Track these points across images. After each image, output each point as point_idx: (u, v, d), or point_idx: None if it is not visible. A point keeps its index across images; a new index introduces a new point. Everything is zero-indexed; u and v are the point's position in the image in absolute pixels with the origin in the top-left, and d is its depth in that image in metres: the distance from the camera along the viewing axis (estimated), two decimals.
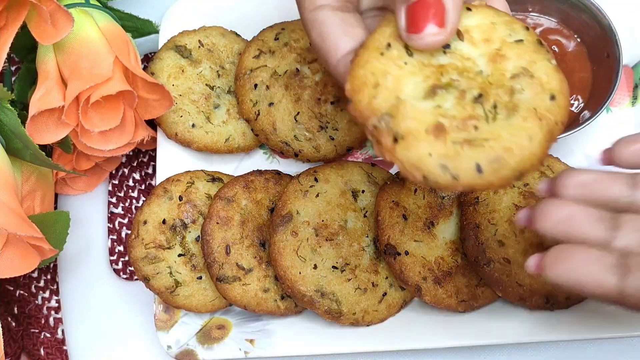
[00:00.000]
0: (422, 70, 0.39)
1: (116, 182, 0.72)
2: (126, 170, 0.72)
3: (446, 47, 0.40)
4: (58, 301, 0.69)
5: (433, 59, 0.40)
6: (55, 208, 0.70)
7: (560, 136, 0.61)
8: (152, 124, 0.67)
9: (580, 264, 0.41)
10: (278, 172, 0.64)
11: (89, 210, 0.70)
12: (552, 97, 0.39)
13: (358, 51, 0.40)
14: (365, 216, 0.61)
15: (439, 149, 0.37)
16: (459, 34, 0.40)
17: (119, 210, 0.71)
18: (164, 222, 0.61)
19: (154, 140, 0.66)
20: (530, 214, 0.44)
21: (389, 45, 0.40)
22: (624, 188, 0.44)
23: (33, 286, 0.69)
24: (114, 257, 0.69)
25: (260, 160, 0.69)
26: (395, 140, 0.37)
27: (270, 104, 0.64)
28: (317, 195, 0.60)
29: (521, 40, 0.41)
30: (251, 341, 0.61)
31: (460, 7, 0.39)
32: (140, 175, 0.72)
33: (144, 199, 0.70)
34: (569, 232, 0.42)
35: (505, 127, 0.38)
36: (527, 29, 0.41)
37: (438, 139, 0.37)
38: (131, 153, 0.72)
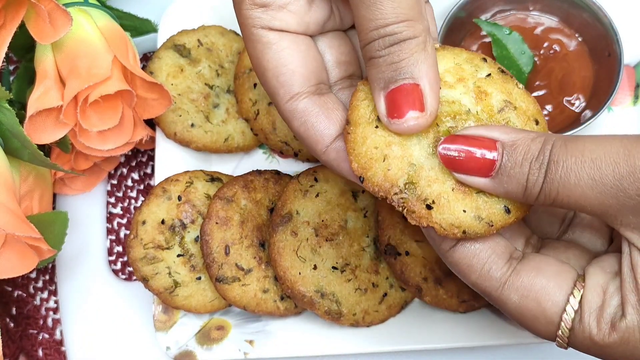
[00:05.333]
0: None
1: (115, 182, 0.71)
2: (125, 170, 0.72)
3: None
4: (56, 302, 0.69)
5: None
6: (54, 208, 0.70)
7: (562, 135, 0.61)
8: (151, 123, 0.67)
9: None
10: (277, 172, 0.64)
11: (88, 211, 0.70)
12: (537, 122, 0.42)
13: (348, 129, 0.41)
14: (365, 216, 0.61)
15: (470, 204, 0.39)
16: None
17: (118, 210, 0.70)
18: (162, 222, 0.61)
19: (152, 139, 0.66)
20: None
21: (377, 117, 0.40)
22: None
23: (31, 287, 0.69)
24: (113, 258, 0.69)
25: (259, 160, 0.68)
26: (428, 206, 0.39)
27: (270, 103, 0.64)
28: (317, 195, 0.60)
29: (489, 75, 0.42)
30: (251, 342, 0.61)
31: (438, 91, 0.39)
32: (139, 175, 0.72)
33: (143, 199, 0.70)
34: None
35: None
36: (485, 59, 0.43)
37: (465, 194, 0.39)
38: (130, 153, 0.72)
